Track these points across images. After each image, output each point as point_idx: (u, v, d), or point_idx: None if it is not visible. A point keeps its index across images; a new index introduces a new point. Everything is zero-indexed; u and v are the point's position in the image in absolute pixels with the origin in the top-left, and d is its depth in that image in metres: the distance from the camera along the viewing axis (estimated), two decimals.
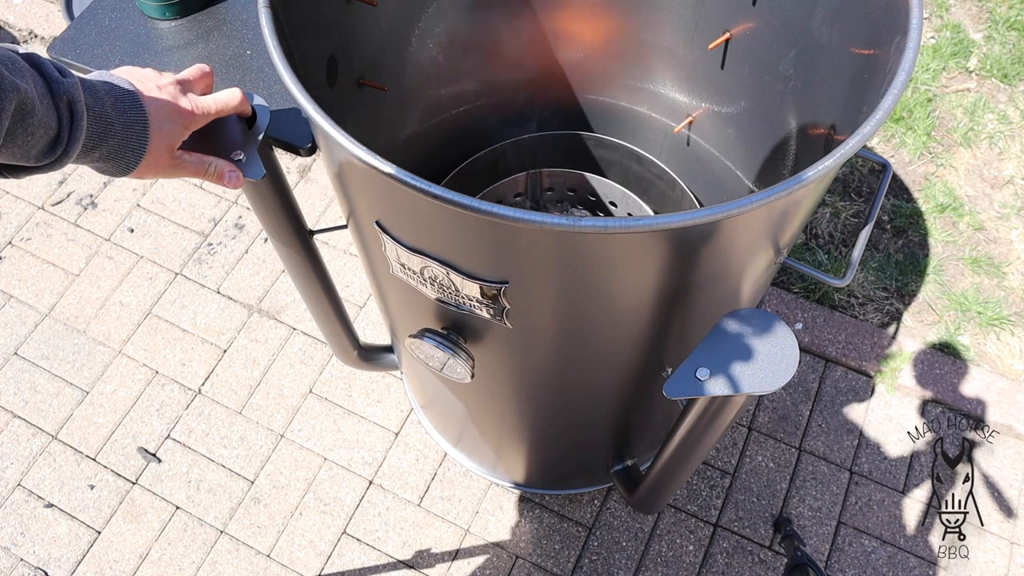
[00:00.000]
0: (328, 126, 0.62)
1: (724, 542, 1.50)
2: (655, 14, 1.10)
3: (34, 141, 0.59)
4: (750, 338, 0.71)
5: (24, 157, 0.60)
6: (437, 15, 1.07)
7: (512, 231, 0.63)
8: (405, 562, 1.49)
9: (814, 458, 1.58)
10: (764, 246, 0.77)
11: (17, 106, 0.56)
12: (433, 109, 1.21)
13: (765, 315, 0.72)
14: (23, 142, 0.58)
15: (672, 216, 0.57)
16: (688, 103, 1.18)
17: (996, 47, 2.06)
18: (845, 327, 1.69)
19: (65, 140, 0.61)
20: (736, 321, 0.72)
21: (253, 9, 1.00)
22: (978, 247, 1.80)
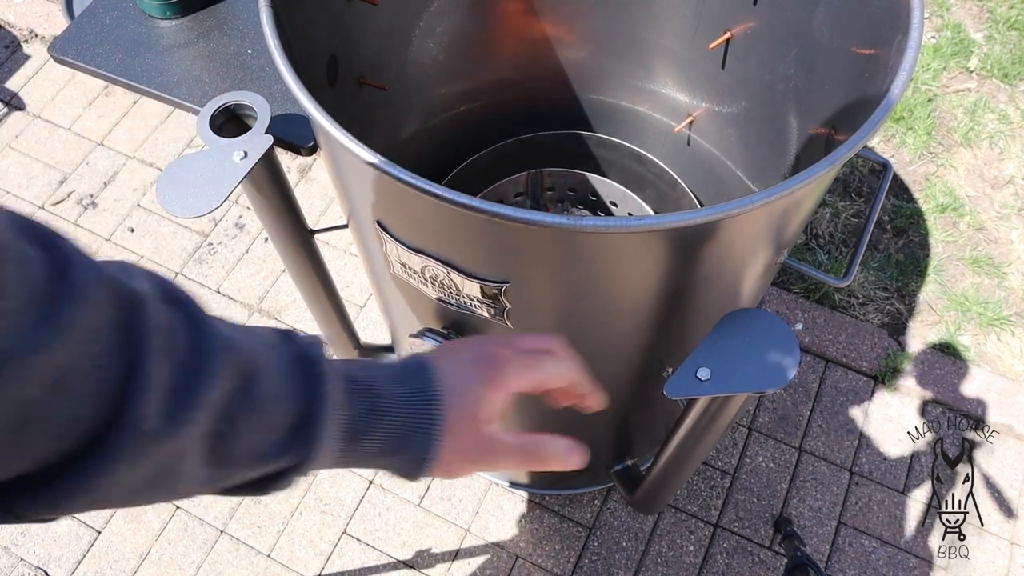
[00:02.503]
0: (329, 125, 0.62)
1: (724, 542, 1.50)
2: (656, 14, 1.10)
3: (262, 423, 0.40)
4: (751, 338, 0.71)
5: (249, 456, 0.40)
6: (438, 14, 1.07)
7: (513, 231, 0.63)
8: (405, 562, 1.49)
9: (814, 458, 1.58)
10: (764, 246, 0.77)
11: (245, 377, 0.39)
12: (434, 108, 1.21)
13: (766, 315, 0.72)
14: (233, 413, 0.39)
15: (672, 216, 0.57)
16: (689, 103, 1.18)
17: (997, 47, 2.06)
18: (845, 327, 1.69)
19: (316, 424, 0.42)
20: (737, 321, 0.72)
21: (254, 8, 1.01)
22: (978, 247, 1.80)
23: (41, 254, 0.32)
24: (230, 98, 0.86)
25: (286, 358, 0.43)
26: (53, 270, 0.32)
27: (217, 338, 0.38)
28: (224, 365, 0.38)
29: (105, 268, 0.36)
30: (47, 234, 0.34)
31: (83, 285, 0.33)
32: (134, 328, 0.34)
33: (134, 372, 0.34)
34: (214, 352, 0.37)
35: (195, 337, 0.37)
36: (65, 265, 0.33)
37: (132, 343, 0.34)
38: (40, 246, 0.33)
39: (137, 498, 0.37)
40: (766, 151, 1.07)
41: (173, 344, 0.36)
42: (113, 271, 0.36)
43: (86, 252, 0.35)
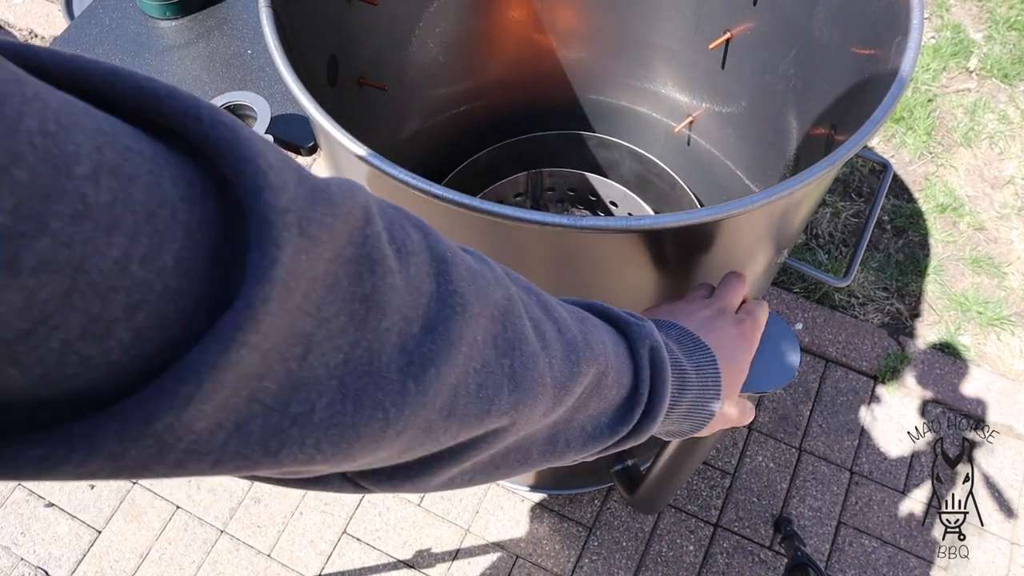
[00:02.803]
0: (329, 125, 0.62)
1: (724, 542, 1.50)
2: (656, 14, 1.10)
3: (601, 404, 0.43)
4: None
5: (594, 435, 0.43)
6: (438, 14, 1.07)
7: (512, 231, 0.63)
8: (405, 562, 1.49)
9: (814, 458, 1.58)
10: (764, 246, 0.77)
11: (599, 374, 0.41)
12: (434, 108, 1.21)
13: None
14: (592, 411, 0.42)
15: (672, 216, 0.57)
16: (689, 103, 1.18)
17: (996, 47, 2.06)
18: (845, 327, 1.69)
19: (644, 399, 0.44)
20: None
21: (253, 8, 1.01)
22: (978, 247, 1.80)
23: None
24: (230, 98, 0.86)
25: (623, 349, 0.45)
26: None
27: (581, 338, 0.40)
28: (590, 364, 0.40)
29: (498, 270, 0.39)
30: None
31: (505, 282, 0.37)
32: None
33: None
34: (583, 352, 0.40)
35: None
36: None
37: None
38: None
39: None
40: (766, 151, 1.07)
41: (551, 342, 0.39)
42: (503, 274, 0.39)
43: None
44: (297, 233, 0.24)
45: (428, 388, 0.31)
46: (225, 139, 0.24)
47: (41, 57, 0.22)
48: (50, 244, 0.19)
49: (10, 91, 0.18)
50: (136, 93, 0.23)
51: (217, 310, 0.23)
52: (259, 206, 0.23)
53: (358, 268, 0.28)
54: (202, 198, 0.23)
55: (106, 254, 0.20)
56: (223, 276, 0.23)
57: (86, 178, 0.19)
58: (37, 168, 0.18)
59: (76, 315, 0.20)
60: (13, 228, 0.18)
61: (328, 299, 0.27)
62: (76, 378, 0.21)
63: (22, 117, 0.18)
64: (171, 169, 0.23)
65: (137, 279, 0.21)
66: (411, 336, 0.30)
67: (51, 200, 0.19)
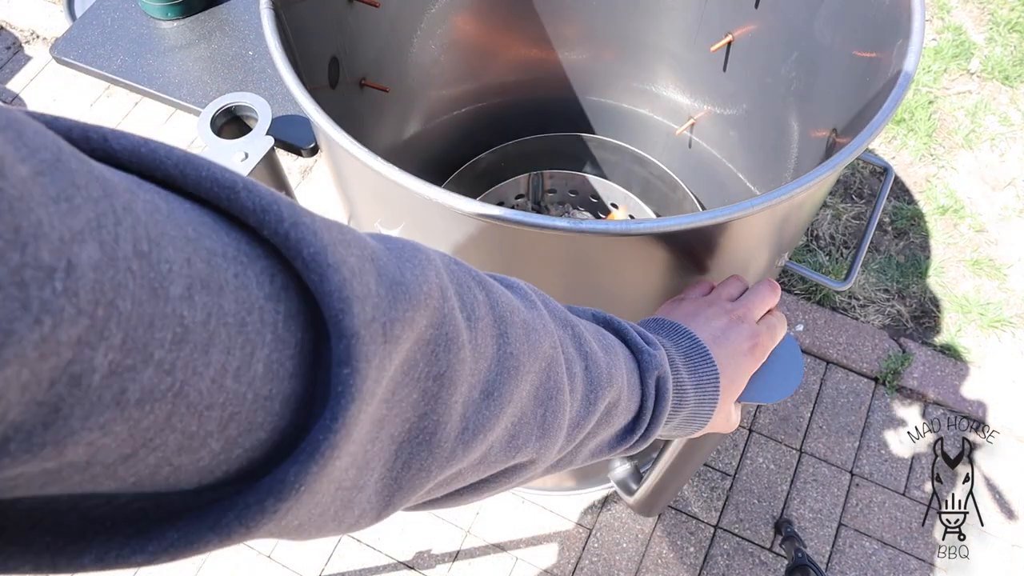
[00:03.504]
0: (329, 127, 0.62)
1: (725, 544, 1.50)
2: (658, 16, 1.10)
3: (608, 432, 0.45)
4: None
5: (595, 454, 0.45)
6: (439, 16, 1.07)
7: (512, 233, 0.63)
8: (405, 563, 1.49)
9: (815, 460, 1.58)
10: (766, 248, 0.77)
11: (610, 405, 0.43)
12: (435, 110, 1.21)
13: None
14: (597, 437, 0.44)
15: (673, 219, 0.57)
16: (690, 105, 1.18)
17: (998, 49, 2.06)
18: (846, 329, 1.69)
19: (644, 422, 0.46)
20: None
21: (255, 9, 1.01)
22: (979, 249, 1.80)
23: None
24: (231, 99, 0.86)
25: (636, 378, 0.46)
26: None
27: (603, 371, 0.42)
28: (604, 398, 0.42)
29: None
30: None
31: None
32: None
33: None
34: (603, 385, 0.42)
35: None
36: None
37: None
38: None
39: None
40: (767, 154, 1.07)
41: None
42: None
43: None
44: (382, 340, 0.25)
45: (474, 450, 0.33)
46: (307, 243, 0.23)
47: (109, 141, 0.22)
48: (154, 374, 0.19)
49: (103, 211, 0.18)
50: (211, 185, 0.23)
51: (301, 407, 0.24)
52: (347, 322, 0.24)
53: (435, 349, 0.29)
54: (285, 291, 0.23)
55: (204, 374, 0.20)
56: (309, 372, 0.24)
57: (182, 298, 0.19)
58: (138, 296, 0.18)
59: (174, 436, 0.20)
60: (122, 362, 0.18)
61: (404, 382, 0.28)
62: (164, 483, 0.22)
63: (118, 241, 0.18)
64: (254, 265, 0.23)
65: (231, 393, 0.21)
66: (471, 402, 0.32)
67: (154, 328, 0.19)
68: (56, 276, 0.16)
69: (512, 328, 0.34)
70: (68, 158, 0.18)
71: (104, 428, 0.18)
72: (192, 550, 0.22)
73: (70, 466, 0.18)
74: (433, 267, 0.30)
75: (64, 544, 0.21)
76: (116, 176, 0.20)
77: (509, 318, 0.34)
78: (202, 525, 0.22)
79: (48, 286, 0.16)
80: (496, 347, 0.33)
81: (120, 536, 0.22)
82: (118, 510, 0.22)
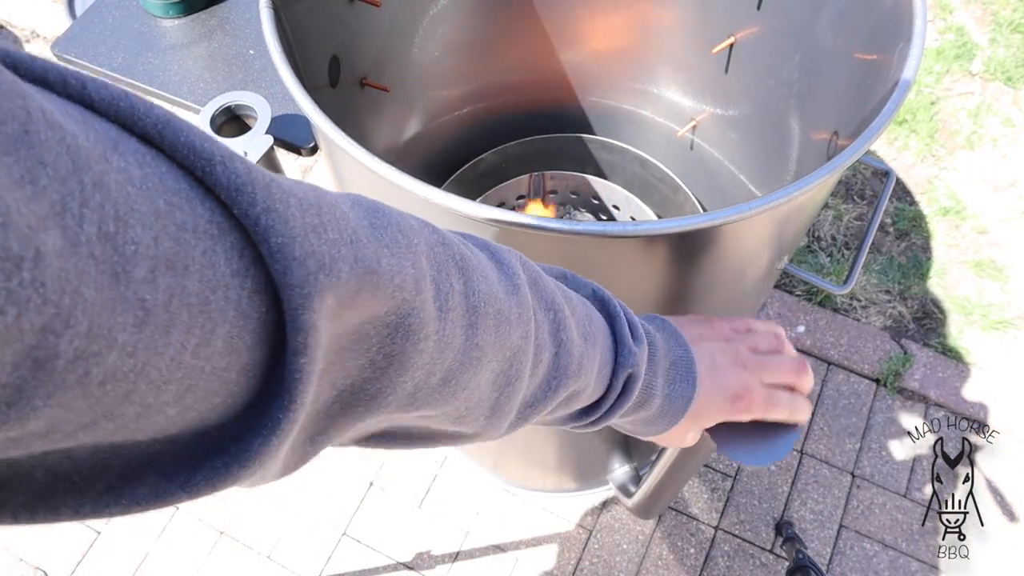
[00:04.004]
0: (328, 127, 0.62)
1: (725, 545, 1.50)
2: (659, 18, 1.10)
3: (563, 412, 0.46)
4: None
5: (537, 420, 0.45)
6: (440, 16, 1.07)
7: (512, 235, 0.63)
8: (405, 564, 1.49)
9: (816, 461, 1.58)
10: (767, 251, 0.76)
11: (573, 393, 0.44)
12: (436, 110, 1.21)
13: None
14: (551, 414, 0.45)
15: (674, 221, 0.57)
16: (692, 107, 1.18)
17: (1000, 50, 2.06)
18: (847, 330, 1.69)
19: (601, 411, 0.47)
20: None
21: (256, 8, 1.00)
22: (981, 250, 1.79)
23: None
24: (230, 98, 0.86)
25: (620, 365, 0.46)
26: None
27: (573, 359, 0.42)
28: (568, 387, 0.42)
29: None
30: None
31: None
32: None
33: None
34: (570, 376, 0.42)
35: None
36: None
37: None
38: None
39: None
40: (769, 155, 1.07)
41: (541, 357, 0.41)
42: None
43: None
44: (337, 326, 0.26)
45: (415, 418, 0.34)
46: (276, 232, 0.23)
47: (88, 89, 0.21)
48: (118, 357, 0.19)
49: (70, 190, 0.17)
50: (187, 152, 0.22)
51: (259, 372, 0.24)
52: (305, 317, 0.24)
53: (392, 333, 0.29)
54: (254, 265, 0.23)
55: (164, 353, 0.20)
56: (271, 338, 0.24)
57: (144, 281, 0.19)
58: (101, 282, 0.18)
59: (132, 407, 0.20)
60: (88, 348, 0.18)
61: (352, 348, 0.28)
62: (122, 442, 0.22)
63: (82, 224, 0.18)
64: (224, 239, 0.22)
65: (189, 368, 0.21)
66: (426, 386, 0.32)
67: (115, 312, 0.18)
68: (24, 266, 0.16)
69: (483, 319, 0.34)
70: (37, 126, 0.17)
71: (66, 405, 0.18)
72: (162, 503, 0.24)
73: (31, 435, 0.19)
74: (412, 255, 0.30)
75: (36, 503, 0.22)
76: (92, 138, 0.19)
77: (482, 308, 0.34)
78: (172, 484, 0.24)
79: (16, 276, 0.16)
80: (464, 337, 0.33)
81: (92, 492, 0.22)
82: (81, 464, 0.22)
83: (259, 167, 0.24)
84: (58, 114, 0.18)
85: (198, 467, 0.24)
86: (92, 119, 0.21)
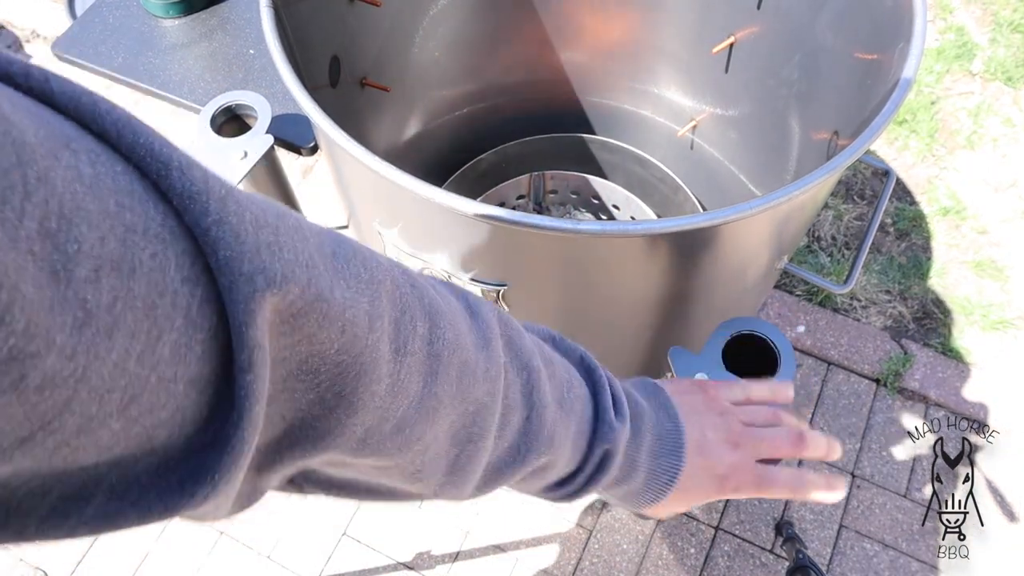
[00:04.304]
0: (329, 127, 0.62)
1: (725, 545, 1.50)
2: (659, 18, 1.10)
3: (537, 483, 0.45)
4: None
5: (507, 486, 0.44)
6: (440, 16, 1.07)
7: (512, 234, 0.63)
8: (405, 564, 1.49)
9: (816, 461, 1.57)
10: (766, 250, 0.76)
11: (546, 464, 0.43)
12: (436, 110, 1.21)
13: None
14: (523, 483, 0.44)
15: (673, 220, 0.57)
16: (692, 106, 1.18)
17: (1001, 50, 2.06)
18: (848, 330, 1.69)
19: (579, 485, 0.46)
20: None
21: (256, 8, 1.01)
22: (981, 250, 1.79)
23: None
24: (231, 98, 0.86)
25: (597, 438, 0.45)
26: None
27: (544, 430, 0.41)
28: (540, 454, 0.41)
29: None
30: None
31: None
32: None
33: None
34: (541, 444, 0.41)
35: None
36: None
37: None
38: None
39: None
40: (769, 155, 1.07)
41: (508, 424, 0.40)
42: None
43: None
44: (276, 340, 0.25)
45: (367, 463, 0.33)
46: (225, 244, 0.23)
47: (50, 83, 0.21)
48: (56, 360, 0.18)
49: (12, 183, 0.17)
50: (144, 154, 0.22)
51: (209, 386, 0.24)
52: (250, 334, 0.23)
53: (342, 372, 0.29)
54: (206, 273, 0.23)
55: (107, 359, 0.19)
56: (217, 356, 0.23)
57: (87, 281, 0.19)
58: (40, 279, 0.17)
59: (73, 418, 0.19)
60: (25, 349, 0.17)
61: (301, 378, 0.28)
62: (63, 463, 0.21)
63: (22, 219, 0.17)
64: (176, 244, 0.22)
65: (133, 376, 0.21)
66: (378, 431, 0.32)
67: (54, 312, 0.18)
68: None
69: (445, 368, 0.34)
70: None
71: (0, 413, 0.17)
72: (111, 525, 0.23)
73: None
74: (371, 292, 0.29)
75: None
76: (40, 134, 0.19)
77: (446, 357, 0.34)
78: (122, 503, 0.23)
79: None
80: (421, 384, 0.33)
81: (35, 515, 0.22)
82: (17, 491, 0.21)
83: (221, 179, 0.24)
84: (8, 108, 0.18)
85: (150, 485, 0.23)
86: (50, 115, 0.20)
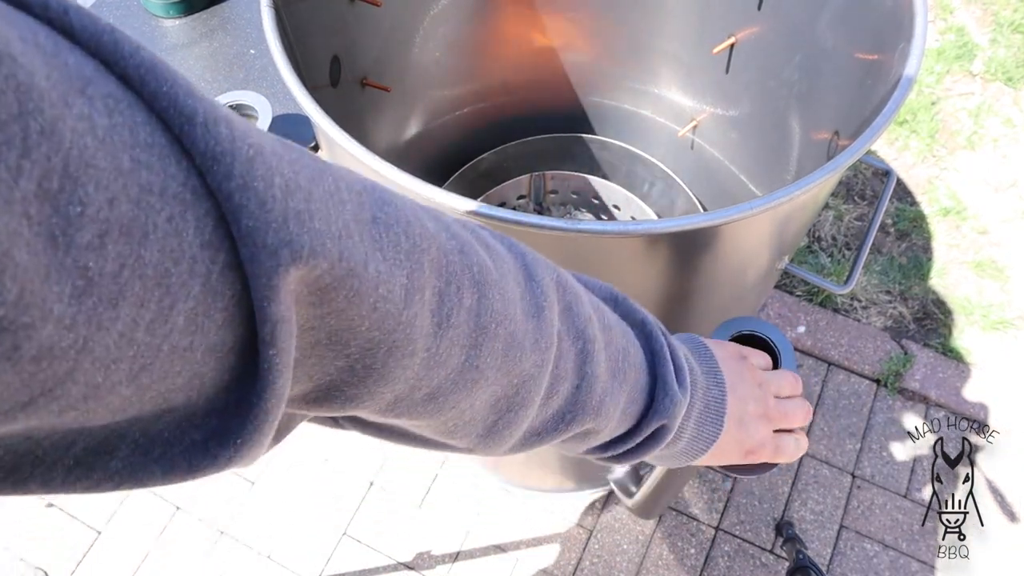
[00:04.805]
0: (329, 127, 0.62)
1: (725, 545, 1.50)
2: (659, 18, 1.10)
3: (579, 446, 0.46)
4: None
5: (538, 447, 0.43)
6: (440, 16, 1.07)
7: (512, 234, 0.63)
8: (406, 564, 1.49)
9: (816, 462, 1.58)
10: (767, 251, 0.76)
11: (589, 430, 0.42)
12: (437, 110, 1.21)
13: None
14: (565, 444, 0.44)
15: (673, 220, 0.57)
16: (692, 107, 1.18)
17: (1001, 50, 2.06)
18: (848, 330, 1.69)
19: (627, 450, 0.46)
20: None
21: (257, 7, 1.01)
22: (982, 250, 1.79)
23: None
24: (231, 98, 0.86)
25: (638, 409, 0.44)
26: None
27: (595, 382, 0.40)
28: (584, 423, 0.41)
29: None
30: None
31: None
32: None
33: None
34: (588, 412, 0.40)
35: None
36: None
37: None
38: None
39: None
40: (769, 155, 1.07)
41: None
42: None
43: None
44: (304, 310, 0.24)
45: (397, 422, 0.33)
46: (249, 213, 0.21)
47: (70, 15, 0.19)
48: (53, 331, 0.17)
49: (8, 138, 0.15)
50: (167, 105, 0.20)
51: (231, 355, 0.22)
52: (272, 309, 0.22)
53: (373, 349, 0.27)
54: (230, 237, 0.21)
55: (111, 329, 0.18)
56: (243, 323, 0.22)
57: (89, 247, 0.17)
58: (35, 245, 0.16)
59: (77, 387, 0.18)
60: (17, 320, 0.16)
61: (330, 346, 0.26)
62: (73, 422, 0.20)
63: (18, 179, 0.15)
64: (198, 206, 0.20)
65: (142, 345, 0.19)
66: (408, 399, 0.30)
67: (51, 281, 0.16)
68: None
69: (491, 340, 0.32)
70: None
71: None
72: (136, 481, 0.22)
73: None
74: (411, 263, 0.27)
75: (2, 477, 0.20)
76: (53, 76, 0.17)
77: (492, 329, 0.32)
78: (146, 458, 0.22)
79: None
80: (463, 358, 0.31)
81: (61, 466, 0.21)
82: (42, 441, 0.20)
83: (250, 135, 0.22)
84: (17, 43, 0.16)
85: (173, 441, 0.22)
86: (67, 52, 0.18)
